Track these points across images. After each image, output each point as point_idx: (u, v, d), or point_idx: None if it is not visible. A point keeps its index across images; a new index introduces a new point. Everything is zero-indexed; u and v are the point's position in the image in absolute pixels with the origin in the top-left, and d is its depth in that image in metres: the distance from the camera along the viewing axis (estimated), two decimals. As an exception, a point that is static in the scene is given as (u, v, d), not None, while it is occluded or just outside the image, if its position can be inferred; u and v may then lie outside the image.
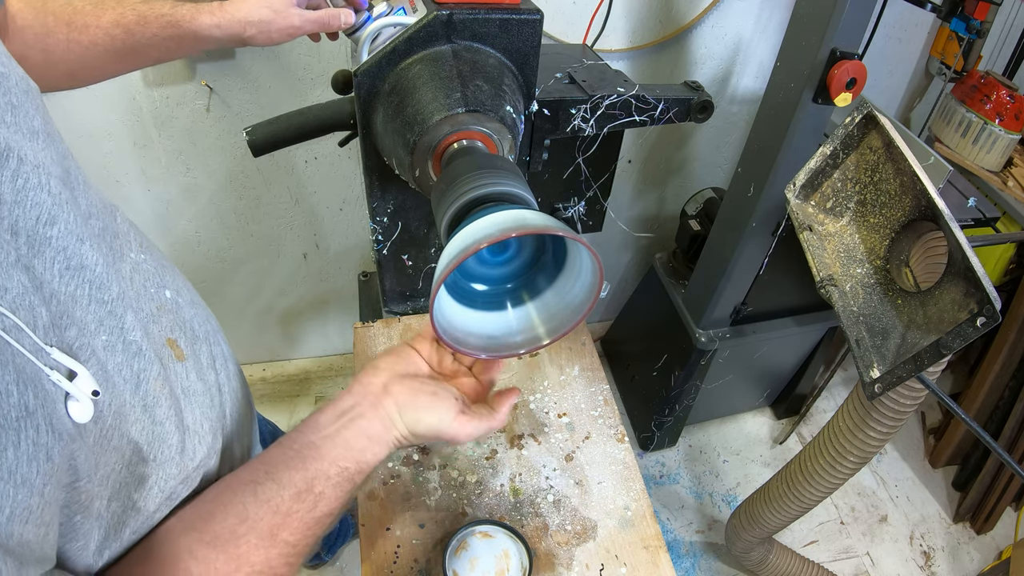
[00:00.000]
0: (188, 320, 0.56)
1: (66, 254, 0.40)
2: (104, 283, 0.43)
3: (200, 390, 0.53)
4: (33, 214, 0.38)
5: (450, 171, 0.60)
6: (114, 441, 0.41)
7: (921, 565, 1.81)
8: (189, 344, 0.54)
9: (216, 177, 1.46)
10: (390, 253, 0.96)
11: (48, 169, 0.40)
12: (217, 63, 1.29)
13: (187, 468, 0.49)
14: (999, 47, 1.70)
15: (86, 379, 0.38)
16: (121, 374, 0.43)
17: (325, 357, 2.04)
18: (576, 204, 1.04)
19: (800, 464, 1.21)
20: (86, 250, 0.41)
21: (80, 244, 0.41)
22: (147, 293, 0.51)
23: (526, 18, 0.74)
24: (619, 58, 1.48)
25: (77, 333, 0.39)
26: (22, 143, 0.38)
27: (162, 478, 0.46)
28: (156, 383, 0.46)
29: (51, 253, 0.38)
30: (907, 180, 0.87)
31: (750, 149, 1.33)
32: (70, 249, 0.40)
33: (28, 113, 0.40)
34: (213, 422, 0.54)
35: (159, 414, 0.46)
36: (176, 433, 0.48)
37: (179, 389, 0.50)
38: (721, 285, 1.50)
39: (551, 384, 1.02)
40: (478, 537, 0.81)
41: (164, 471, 0.46)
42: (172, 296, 0.55)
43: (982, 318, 0.72)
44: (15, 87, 0.40)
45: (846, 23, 1.04)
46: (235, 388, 0.62)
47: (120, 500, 0.43)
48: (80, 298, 0.40)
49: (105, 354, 0.41)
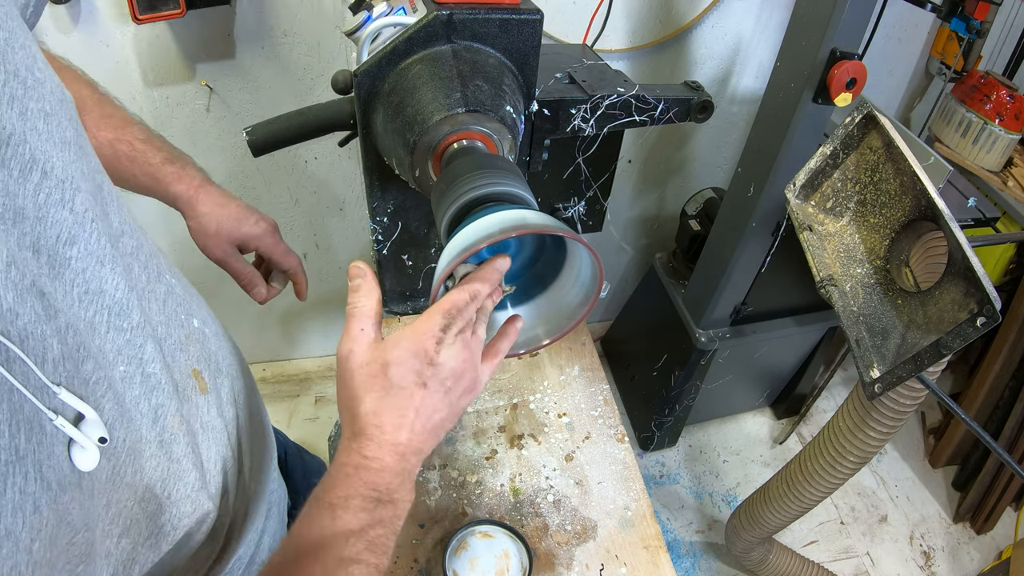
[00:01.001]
0: (214, 352, 0.55)
1: (85, 276, 0.38)
2: (124, 310, 0.41)
3: (218, 427, 0.52)
4: (53, 232, 0.36)
5: (450, 171, 0.60)
6: (127, 478, 0.40)
7: (921, 565, 1.81)
8: (212, 377, 0.53)
9: (216, 177, 1.43)
10: (390, 253, 0.96)
11: (76, 183, 0.37)
12: (217, 63, 1.29)
13: (203, 506, 0.48)
14: (999, 47, 1.70)
15: (94, 424, 0.35)
16: (139, 407, 0.41)
17: (325, 357, 2.04)
18: (576, 204, 1.04)
19: (800, 464, 1.21)
20: (106, 273, 0.39)
21: (100, 267, 0.39)
22: (177, 319, 0.50)
23: (526, 18, 0.74)
24: (619, 58, 1.48)
25: (94, 366, 0.37)
26: (51, 153, 0.36)
27: (176, 516, 0.45)
28: (175, 419, 0.44)
29: (70, 275, 0.36)
30: (907, 180, 0.87)
31: (750, 149, 1.33)
32: (89, 272, 0.38)
33: (61, 123, 0.38)
34: (227, 460, 0.53)
35: (176, 451, 0.45)
36: (193, 471, 0.46)
37: (198, 424, 0.49)
38: (721, 285, 1.49)
39: (551, 384, 1.02)
40: (478, 537, 0.81)
41: (179, 509, 0.45)
42: (199, 326, 0.54)
43: (982, 318, 0.72)
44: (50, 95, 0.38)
45: (846, 23, 1.03)
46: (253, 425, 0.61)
47: (131, 537, 0.41)
48: (98, 325, 0.39)
49: (123, 386, 0.40)
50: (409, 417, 0.47)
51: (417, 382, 0.47)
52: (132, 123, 0.73)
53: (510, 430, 0.96)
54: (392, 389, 0.47)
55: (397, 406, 0.47)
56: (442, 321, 0.48)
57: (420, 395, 0.47)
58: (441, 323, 0.47)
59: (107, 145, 0.70)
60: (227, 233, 0.78)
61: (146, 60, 1.25)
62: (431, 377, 0.48)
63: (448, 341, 0.48)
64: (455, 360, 0.48)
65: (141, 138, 0.73)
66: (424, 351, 0.47)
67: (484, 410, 0.98)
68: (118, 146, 0.71)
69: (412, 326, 0.48)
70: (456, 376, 0.49)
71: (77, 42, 1.19)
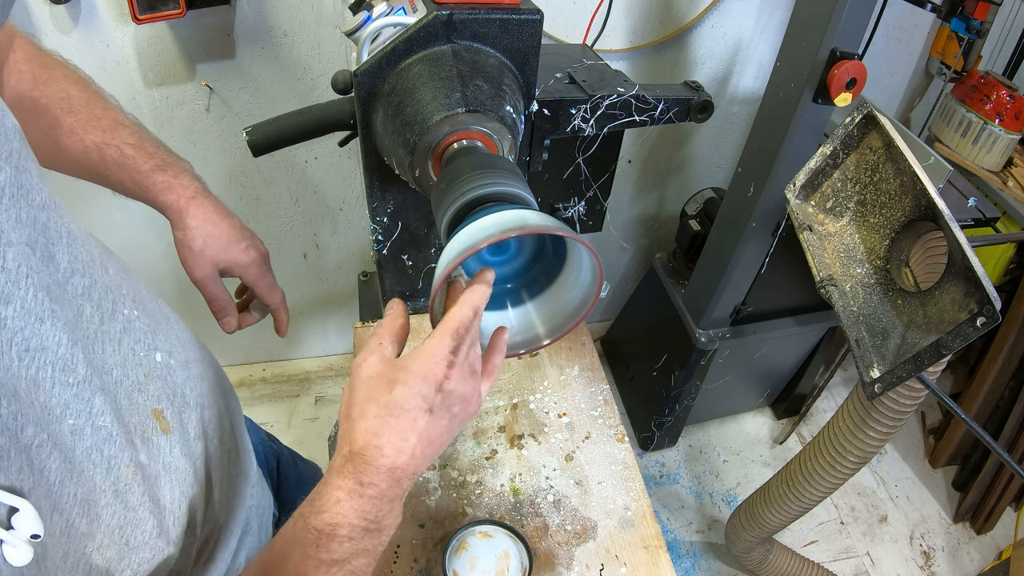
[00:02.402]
0: (179, 385, 0.53)
1: (24, 335, 0.36)
2: (69, 364, 0.39)
3: (182, 466, 0.50)
4: None
5: (450, 171, 0.60)
6: (82, 528, 0.39)
7: (921, 565, 1.81)
8: (176, 414, 0.51)
9: (216, 177, 1.46)
10: (390, 253, 0.96)
11: (7, 238, 0.35)
12: (217, 63, 1.29)
13: (163, 551, 0.47)
14: (999, 47, 1.70)
15: (27, 518, 0.34)
16: (91, 459, 0.40)
17: (325, 357, 2.04)
18: (576, 204, 1.04)
19: (800, 464, 1.21)
20: (46, 329, 0.37)
21: (39, 324, 0.37)
22: (135, 358, 0.48)
23: (526, 18, 0.74)
24: (619, 58, 1.48)
25: (35, 430, 0.36)
26: None
27: (135, 562, 0.44)
28: (128, 469, 0.43)
29: (7, 335, 0.35)
30: (907, 180, 0.87)
31: (750, 149, 1.33)
32: (28, 330, 0.36)
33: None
34: (193, 499, 0.51)
35: (132, 500, 0.43)
36: (151, 519, 0.45)
37: (160, 466, 0.47)
38: (721, 285, 1.50)
39: (551, 384, 1.02)
40: (478, 537, 0.81)
41: (138, 555, 0.44)
42: (163, 359, 0.51)
43: (982, 318, 0.72)
44: None
45: (846, 23, 1.04)
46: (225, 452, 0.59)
47: None
48: (43, 381, 0.37)
49: (73, 439, 0.39)
50: (411, 441, 0.46)
51: (423, 407, 0.46)
52: (123, 125, 0.69)
53: (510, 430, 0.96)
54: (396, 410, 0.46)
55: (399, 429, 0.46)
56: (452, 343, 0.47)
57: (424, 420, 0.46)
58: (451, 345, 0.47)
59: (95, 149, 0.66)
60: (211, 255, 0.72)
61: (146, 60, 1.25)
62: (439, 404, 0.47)
63: (459, 364, 0.47)
64: (464, 386, 0.48)
65: (131, 143, 0.68)
66: (434, 376, 0.46)
67: (484, 410, 0.98)
68: (106, 151, 0.67)
69: (423, 349, 0.47)
70: (463, 401, 0.48)
71: (77, 42, 1.19)
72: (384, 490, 0.46)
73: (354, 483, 0.45)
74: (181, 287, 1.62)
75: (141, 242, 1.52)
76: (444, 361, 0.46)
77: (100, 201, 1.43)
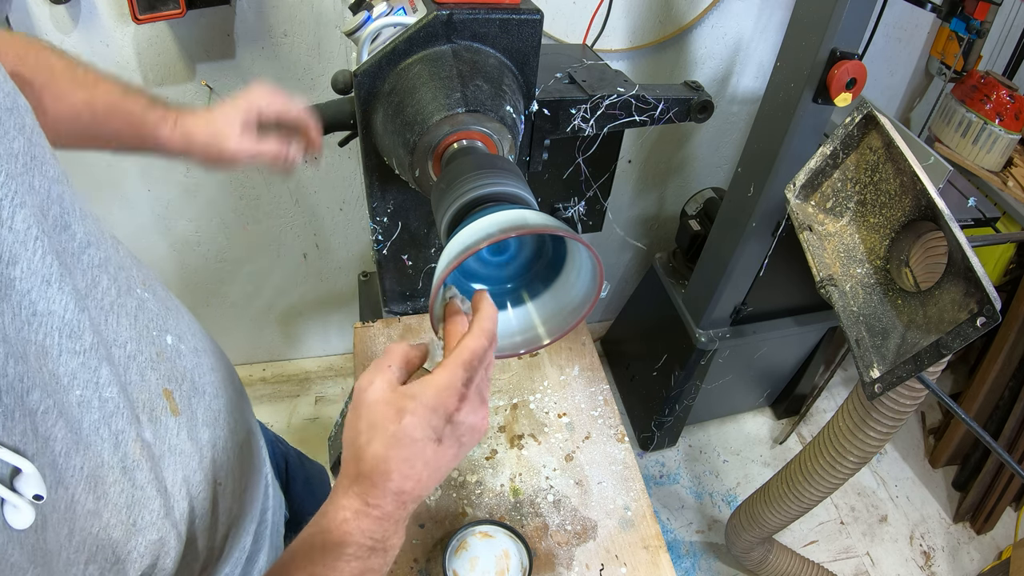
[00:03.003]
0: (188, 370, 0.53)
1: (31, 297, 0.36)
2: (75, 331, 0.39)
3: (188, 450, 0.50)
4: None
5: (450, 171, 0.60)
6: (88, 505, 0.38)
7: (921, 565, 1.81)
8: (186, 398, 0.51)
9: (216, 177, 1.46)
10: (390, 253, 0.96)
11: (21, 199, 0.36)
12: (217, 63, 1.29)
13: (170, 532, 0.47)
14: (999, 47, 1.70)
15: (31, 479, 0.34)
16: (99, 433, 0.40)
17: (325, 357, 2.04)
18: (576, 204, 1.04)
19: (800, 464, 1.21)
20: (53, 293, 0.37)
21: (47, 287, 0.37)
22: (148, 336, 0.48)
23: (526, 18, 0.74)
24: (619, 58, 1.48)
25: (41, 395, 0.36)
26: None
27: (142, 543, 0.44)
28: (135, 445, 0.43)
29: (16, 297, 0.35)
30: (907, 180, 0.87)
31: (750, 149, 1.33)
32: (35, 292, 0.36)
33: (8, 133, 0.37)
34: (196, 484, 0.51)
35: (140, 478, 0.43)
36: (158, 497, 0.45)
37: (165, 447, 0.47)
38: (721, 285, 1.50)
39: (551, 384, 1.02)
40: (478, 537, 0.81)
41: (145, 536, 0.44)
42: (173, 343, 0.52)
43: (982, 318, 0.72)
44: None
45: (846, 23, 1.04)
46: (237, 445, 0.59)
47: (98, 563, 0.41)
48: (50, 348, 0.37)
49: (80, 411, 0.39)
50: (418, 468, 0.46)
51: (432, 437, 0.46)
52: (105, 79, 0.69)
53: (510, 430, 0.96)
54: (404, 439, 0.45)
55: (407, 457, 0.45)
56: (464, 375, 0.46)
57: (432, 449, 0.46)
58: (463, 377, 0.46)
59: (84, 105, 0.66)
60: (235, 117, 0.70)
61: (146, 60, 1.25)
62: (448, 435, 0.46)
63: (470, 396, 0.47)
64: (474, 416, 0.47)
65: (117, 91, 0.68)
66: (444, 408, 0.46)
67: (484, 410, 0.98)
68: (95, 105, 0.66)
69: (435, 379, 0.46)
70: (472, 431, 0.48)
71: (77, 42, 1.19)
72: (390, 512, 0.46)
73: (360, 503, 0.45)
74: (185, 287, 1.63)
75: (145, 241, 1.52)
76: (456, 394, 0.46)
77: (102, 198, 1.43)
